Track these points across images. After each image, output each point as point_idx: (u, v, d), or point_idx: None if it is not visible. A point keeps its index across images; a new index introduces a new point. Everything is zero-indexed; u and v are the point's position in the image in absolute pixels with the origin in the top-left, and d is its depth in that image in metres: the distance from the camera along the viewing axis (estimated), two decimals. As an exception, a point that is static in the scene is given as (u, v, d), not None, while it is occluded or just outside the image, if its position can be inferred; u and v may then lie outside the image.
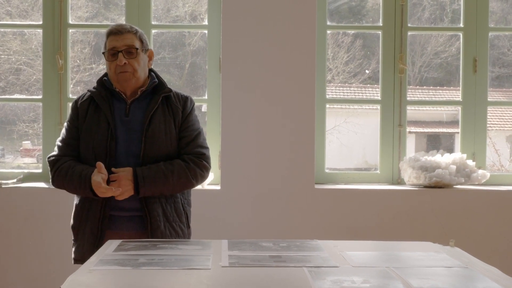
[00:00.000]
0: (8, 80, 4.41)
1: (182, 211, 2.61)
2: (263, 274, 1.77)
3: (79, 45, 4.49)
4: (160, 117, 2.56)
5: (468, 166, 3.68)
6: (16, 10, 4.38)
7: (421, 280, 1.70)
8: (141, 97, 2.60)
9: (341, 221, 3.59)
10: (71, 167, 2.52)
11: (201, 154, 2.59)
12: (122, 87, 2.59)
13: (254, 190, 3.57)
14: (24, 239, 3.62)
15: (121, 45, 2.54)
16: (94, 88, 2.65)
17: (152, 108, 2.56)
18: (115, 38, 2.55)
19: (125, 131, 2.54)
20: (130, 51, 2.54)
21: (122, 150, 2.53)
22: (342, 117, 5.49)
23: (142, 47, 2.60)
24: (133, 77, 2.55)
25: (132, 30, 2.59)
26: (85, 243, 2.54)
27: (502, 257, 3.54)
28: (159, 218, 2.50)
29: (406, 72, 3.82)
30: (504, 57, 5.11)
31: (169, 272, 1.78)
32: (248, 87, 3.57)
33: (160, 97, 2.59)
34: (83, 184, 2.46)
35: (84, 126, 2.57)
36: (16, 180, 3.73)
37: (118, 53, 2.54)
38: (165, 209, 2.53)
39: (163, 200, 2.54)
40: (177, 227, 2.57)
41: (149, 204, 2.50)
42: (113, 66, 2.55)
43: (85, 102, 2.62)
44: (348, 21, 4.46)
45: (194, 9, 4.50)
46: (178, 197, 2.60)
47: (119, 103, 2.60)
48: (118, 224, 2.53)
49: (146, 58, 2.64)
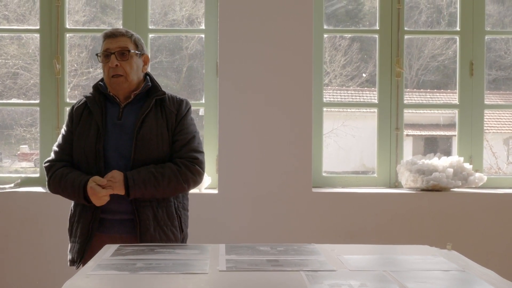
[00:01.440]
0: (6, 84, 4.41)
1: (174, 215, 2.60)
2: (260, 278, 1.77)
3: (76, 49, 4.49)
4: (152, 120, 2.57)
5: (465, 169, 3.68)
6: (14, 15, 4.38)
7: (418, 283, 1.70)
8: (135, 100, 2.62)
9: (339, 224, 3.59)
10: (64, 175, 2.55)
11: (194, 158, 2.58)
12: (115, 91, 2.61)
13: (251, 194, 3.57)
14: (22, 243, 3.62)
15: (114, 47, 2.57)
16: (89, 93, 2.68)
17: (144, 111, 2.57)
18: (110, 41, 2.59)
19: (117, 134, 2.56)
20: (123, 52, 2.57)
21: (113, 153, 2.54)
22: (340, 120, 5.49)
23: (136, 51, 2.61)
24: (125, 81, 2.58)
25: (127, 34, 2.63)
26: (75, 245, 2.56)
27: (499, 260, 3.54)
28: (149, 222, 2.51)
29: (403, 76, 3.83)
30: (501, 60, 5.12)
31: (167, 277, 1.78)
32: (245, 90, 3.58)
33: (153, 100, 2.60)
34: (76, 193, 2.49)
35: (77, 131, 2.61)
36: (13, 185, 3.73)
37: (111, 55, 2.57)
38: (156, 213, 2.53)
39: (155, 203, 2.54)
40: (168, 231, 2.56)
41: (139, 208, 2.51)
42: (107, 68, 2.58)
43: (80, 107, 2.66)
44: (345, 25, 4.47)
45: (191, 13, 4.50)
46: (171, 201, 2.59)
47: (113, 107, 2.62)
48: (108, 227, 2.54)
49: (141, 62, 2.65)
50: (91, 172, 2.53)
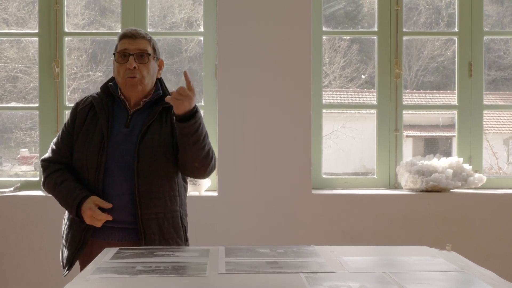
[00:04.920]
0: (5, 88, 4.42)
1: (180, 225, 2.52)
2: (260, 281, 1.77)
3: (76, 53, 4.49)
4: (156, 128, 2.49)
5: (464, 170, 3.68)
6: (13, 18, 4.38)
7: (417, 285, 1.70)
8: (144, 108, 2.54)
9: (338, 226, 3.59)
10: (58, 183, 2.48)
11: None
12: (127, 93, 2.52)
13: (251, 196, 3.57)
14: (21, 247, 3.62)
15: (133, 48, 2.47)
16: (96, 94, 2.58)
17: (150, 120, 2.49)
18: (128, 41, 2.49)
19: (123, 142, 2.47)
20: (142, 55, 2.48)
21: (117, 163, 2.45)
22: (340, 122, 5.49)
23: (154, 55, 2.54)
24: (140, 84, 2.48)
25: (147, 36, 2.53)
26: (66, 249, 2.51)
27: (499, 261, 3.54)
28: (154, 236, 2.44)
29: (401, 77, 3.84)
30: (501, 60, 5.12)
31: (166, 280, 1.78)
32: (244, 93, 3.58)
33: (160, 108, 2.52)
34: (69, 207, 2.44)
35: (80, 133, 2.51)
36: (13, 189, 3.73)
37: (129, 56, 2.47)
38: (162, 226, 2.45)
39: (161, 216, 2.46)
40: (174, 243, 2.49)
41: (145, 221, 2.43)
42: (123, 69, 2.48)
43: (86, 108, 2.55)
44: (344, 26, 4.47)
45: (191, 16, 4.50)
46: (177, 210, 2.52)
47: (121, 112, 2.53)
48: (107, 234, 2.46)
49: (156, 67, 2.57)
50: (89, 180, 2.46)
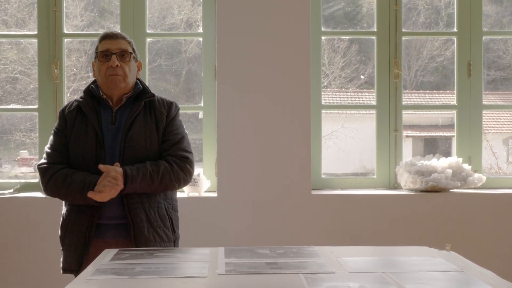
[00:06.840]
0: (5, 89, 4.42)
1: (166, 216, 2.63)
2: (259, 281, 1.77)
3: (75, 54, 4.49)
4: (141, 122, 2.61)
5: (464, 170, 3.68)
6: (13, 19, 4.38)
7: (417, 285, 1.71)
8: (126, 104, 2.66)
9: (338, 226, 3.59)
10: (69, 174, 2.54)
11: (185, 157, 2.63)
12: (110, 91, 2.64)
13: (251, 197, 3.57)
14: (21, 249, 3.62)
15: (115, 48, 2.62)
16: (81, 98, 2.69)
17: (133, 114, 2.61)
18: (110, 42, 2.63)
19: (112, 138, 2.59)
20: (123, 54, 2.62)
21: (109, 158, 2.56)
22: (339, 122, 5.49)
23: (134, 55, 2.68)
24: (123, 81, 2.61)
25: (126, 38, 2.69)
26: (72, 253, 2.56)
27: (498, 260, 3.54)
28: (142, 224, 2.53)
29: (401, 77, 3.84)
30: (500, 60, 5.12)
31: (166, 281, 1.79)
32: (244, 94, 3.58)
33: (142, 102, 2.64)
34: (85, 191, 2.47)
35: (72, 135, 2.62)
36: (12, 190, 3.73)
37: (111, 55, 2.60)
38: (148, 215, 2.55)
39: (147, 205, 2.56)
40: (162, 232, 2.59)
41: (132, 210, 2.53)
42: (104, 67, 2.61)
43: (73, 111, 2.67)
44: (343, 27, 4.47)
45: (190, 17, 4.50)
46: (162, 202, 2.63)
47: (106, 111, 2.64)
48: (105, 232, 2.56)
49: (136, 67, 2.71)
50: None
